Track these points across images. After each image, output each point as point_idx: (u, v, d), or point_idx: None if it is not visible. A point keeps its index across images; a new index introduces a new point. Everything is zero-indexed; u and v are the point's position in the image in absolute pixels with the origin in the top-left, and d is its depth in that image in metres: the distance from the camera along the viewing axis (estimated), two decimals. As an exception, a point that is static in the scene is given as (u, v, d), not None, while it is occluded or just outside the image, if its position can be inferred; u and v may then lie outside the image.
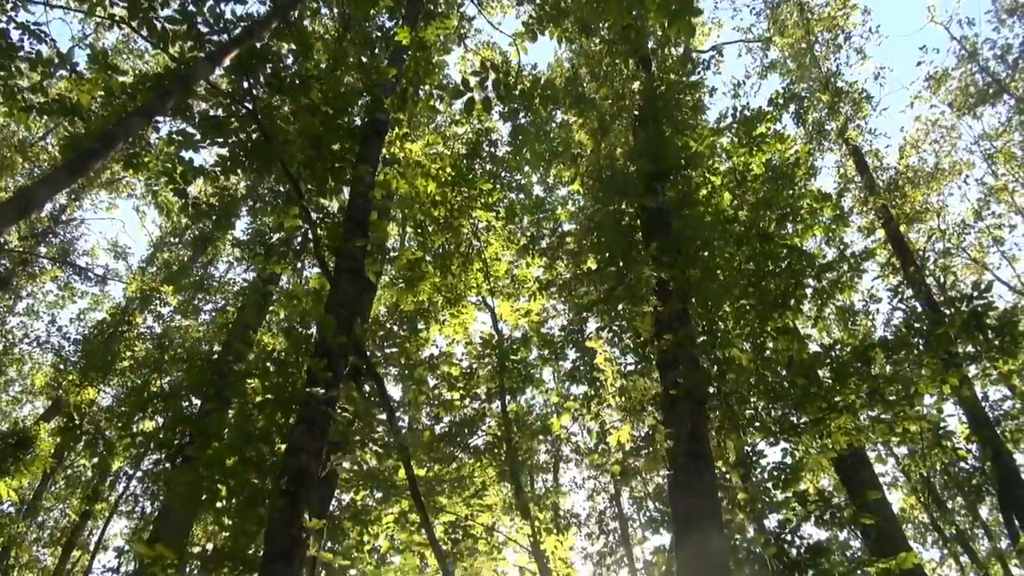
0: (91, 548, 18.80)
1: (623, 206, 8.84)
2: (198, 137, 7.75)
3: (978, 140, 18.15)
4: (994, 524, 17.14)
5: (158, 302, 15.93)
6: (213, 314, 15.53)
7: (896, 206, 13.35)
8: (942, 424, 9.10)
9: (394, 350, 10.46)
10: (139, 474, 13.63)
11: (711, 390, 6.98)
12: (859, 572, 8.49)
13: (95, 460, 15.32)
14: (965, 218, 15.84)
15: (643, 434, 8.73)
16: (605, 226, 8.36)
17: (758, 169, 10.10)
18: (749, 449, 9.34)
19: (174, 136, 7.66)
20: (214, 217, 8.53)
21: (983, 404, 11.08)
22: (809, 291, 9.47)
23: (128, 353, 14.68)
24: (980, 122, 20.19)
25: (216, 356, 10.80)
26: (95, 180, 18.36)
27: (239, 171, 8.03)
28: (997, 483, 10.35)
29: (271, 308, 11.23)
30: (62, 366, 15.64)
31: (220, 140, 7.82)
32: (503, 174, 11.60)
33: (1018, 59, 16.35)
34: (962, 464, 11.59)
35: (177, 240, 18.61)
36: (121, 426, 10.61)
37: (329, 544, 8.85)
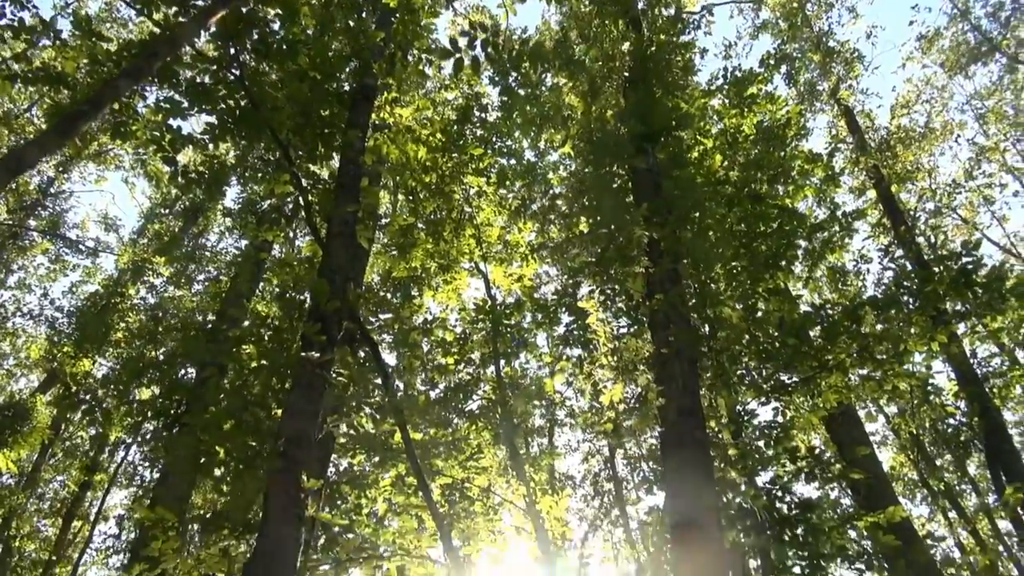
0: (91, 519, 19.00)
1: (614, 168, 8.84)
2: (185, 105, 7.70)
3: (970, 100, 18.13)
4: (981, 479, 17.45)
5: (150, 273, 15.90)
6: (206, 284, 15.54)
7: (887, 166, 13.36)
8: (931, 381, 9.23)
9: (388, 316, 10.50)
10: (137, 443, 13.75)
11: (702, 349, 7.05)
12: (848, 527, 8.66)
13: (93, 431, 15.43)
14: (956, 178, 15.89)
15: (636, 395, 8.83)
16: (595, 188, 8.36)
17: (749, 130, 10.09)
18: (741, 409, 9.48)
19: (161, 104, 7.61)
20: (204, 186, 8.51)
21: (971, 361, 11.22)
22: (800, 252, 9.53)
23: (122, 325, 14.70)
24: (972, 81, 20.15)
25: (210, 325, 10.84)
26: (83, 152, 18.19)
27: (228, 139, 8.00)
28: (984, 438, 10.52)
29: (264, 276, 11.24)
30: (56, 338, 15.65)
31: (208, 108, 7.78)
32: (494, 139, 11.54)
33: (1010, 17, 16.25)
34: (950, 421, 11.76)
35: (168, 211, 18.53)
36: (118, 394, 10.67)
37: (327, 509, 8.97)
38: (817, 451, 9.10)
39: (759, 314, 8.68)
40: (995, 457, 10.62)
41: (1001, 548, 15.81)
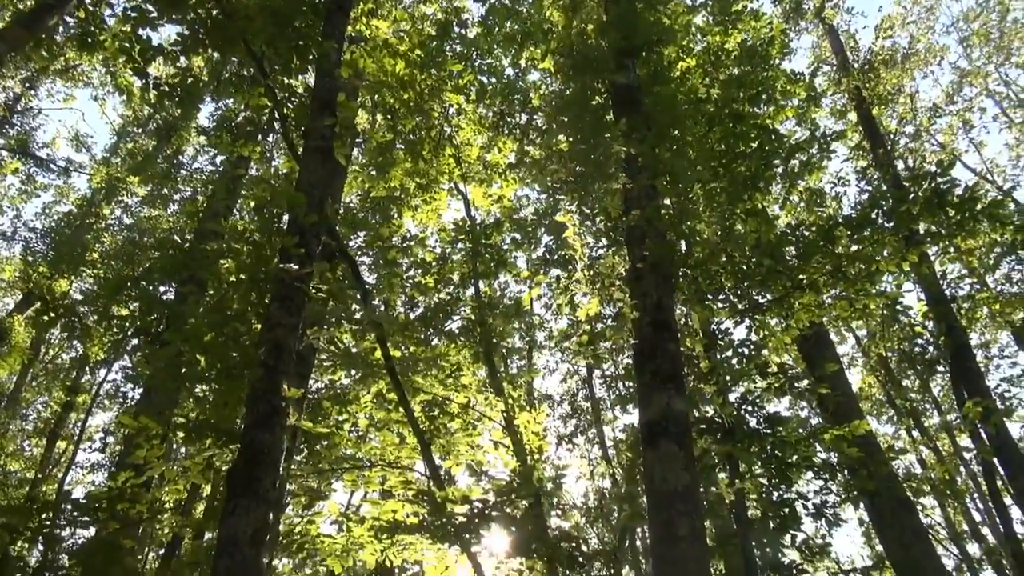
0: (75, 439, 19.23)
1: (594, 83, 8.74)
2: (155, 14, 7.46)
3: (955, 22, 17.95)
4: (944, 400, 18.06)
5: (125, 193, 15.65)
6: (182, 204, 15.35)
7: (869, 88, 13.31)
8: (900, 301, 9.45)
9: (367, 233, 10.49)
10: (120, 358, 13.81)
11: (677, 264, 7.15)
12: (814, 440, 9.00)
13: (73, 352, 15.47)
14: (937, 103, 15.88)
15: (612, 313, 8.96)
16: (575, 103, 8.29)
17: (732, 49, 9.97)
18: (716, 328, 9.68)
19: (129, 12, 7.37)
20: (177, 100, 8.32)
21: (941, 282, 11.46)
22: (778, 172, 9.56)
23: (98, 245, 14.55)
24: (959, 3, 19.87)
25: (188, 243, 10.77)
26: (50, 66, 17.56)
27: (200, 51, 7.79)
28: (949, 357, 10.84)
29: (241, 194, 11.13)
30: (31, 259, 15.47)
31: (178, 17, 7.54)
32: (474, 55, 11.32)
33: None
34: (918, 341, 12.08)
35: (140, 130, 18.10)
36: (97, 311, 10.64)
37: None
38: (787, 368, 9.38)
39: (736, 235, 8.78)
40: (959, 375, 10.96)
41: (960, 464, 16.53)
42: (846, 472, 9.27)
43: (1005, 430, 10.27)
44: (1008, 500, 11.00)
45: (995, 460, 10.47)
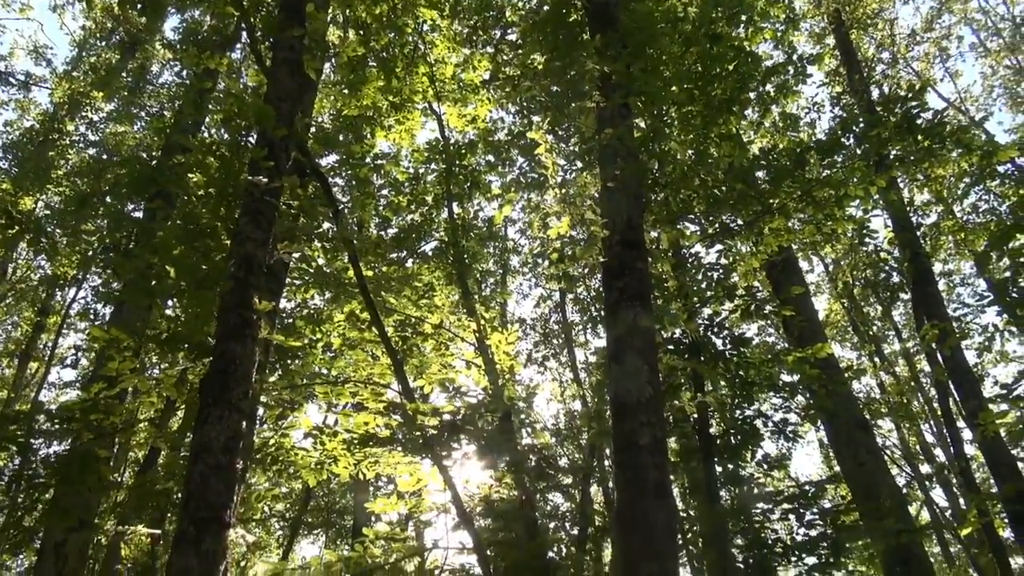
0: (47, 359, 19.19)
1: (570, -1, 8.56)
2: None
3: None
4: (906, 327, 18.57)
5: (89, 108, 15.19)
6: (149, 120, 14.96)
7: (848, 11, 13.17)
8: (867, 225, 9.60)
9: (340, 153, 10.35)
10: (88, 282, 13.68)
11: (649, 183, 7.19)
12: (776, 362, 9.27)
13: (41, 270, 15.28)
14: (916, 29, 15.77)
15: (583, 236, 9.01)
16: (550, 19, 8.14)
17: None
18: (686, 250, 9.80)
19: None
20: (140, 6, 8.04)
21: (907, 209, 11.64)
22: (754, 95, 9.53)
23: (62, 162, 14.21)
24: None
25: (155, 162, 10.57)
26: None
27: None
28: (912, 282, 11.10)
29: (210, 108, 10.87)
30: (-7, 175, 15.09)
31: (138, -82, 7.23)
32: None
33: None
34: (882, 266, 12.32)
35: (104, 42, 17.41)
36: (65, 225, 10.47)
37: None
38: (753, 290, 9.57)
39: (710, 159, 8.80)
40: (920, 300, 11.25)
41: (917, 390, 17.15)
42: (807, 394, 9.59)
43: (960, 353, 10.62)
44: (961, 424, 11.46)
45: (949, 382, 10.87)
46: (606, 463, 15.10)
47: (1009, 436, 9.67)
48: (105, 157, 14.61)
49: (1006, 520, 9.92)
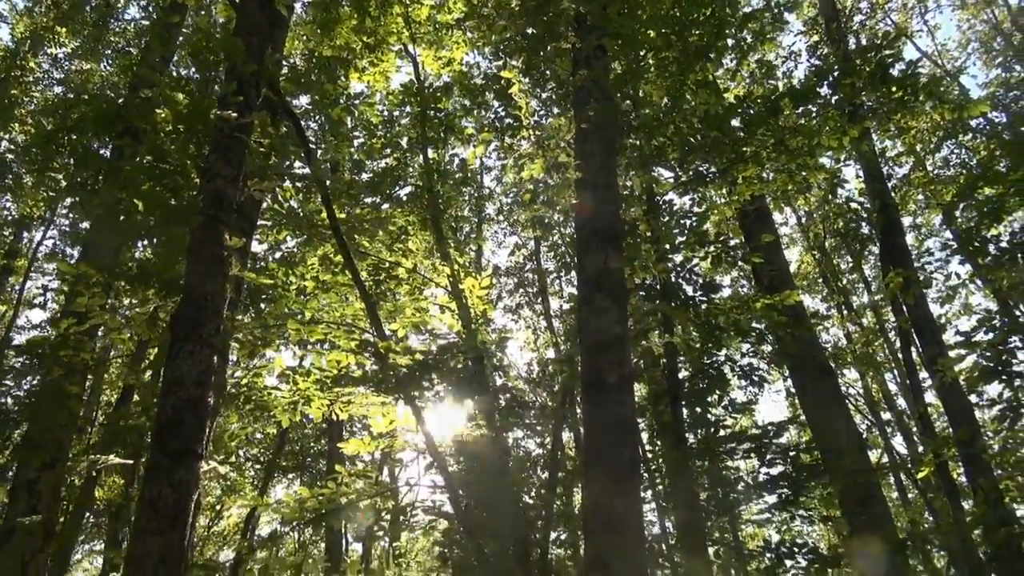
0: (15, 302, 18.92)
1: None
2: None
3: None
4: (875, 280, 18.89)
5: (53, 45, 14.71)
6: (116, 56, 14.54)
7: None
8: (839, 175, 9.71)
9: (312, 96, 10.19)
10: (56, 223, 13.44)
11: (623, 127, 7.19)
12: (745, 308, 9.42)
13: (6, 210, 14.97)
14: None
15: (558, 183, 9.02)
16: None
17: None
18: (659, 198, 9.85)
19: None
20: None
21: (879, 159, 11.74)
22: (730, 43, 9.48)
23: (26, 99, 13.81)
24: None
25: (122, 100, 10.32)
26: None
27: None
28: (880, 233, 11.26)
29: (178, 44, 10.59)
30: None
31: None
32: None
33: None
34: (852, 216, 12.49)
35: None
36: (31, 162, 10.21)
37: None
38: (724, 238, 9.67)
39: (685, 106, 8.78)
40: (888, 250, 11.43)
41: (883, 340, 17.53)
42: (774, 339, 9.79)
43: (924, 303, 10.85)
44: (923, 374, 11.75)
45: (912, 332, 11.12)
46: (578, 410, 15.37)
47: (967, 382, 9.96)
48: (72, 96, 14.21)
49: (960, 463, 10.26)
